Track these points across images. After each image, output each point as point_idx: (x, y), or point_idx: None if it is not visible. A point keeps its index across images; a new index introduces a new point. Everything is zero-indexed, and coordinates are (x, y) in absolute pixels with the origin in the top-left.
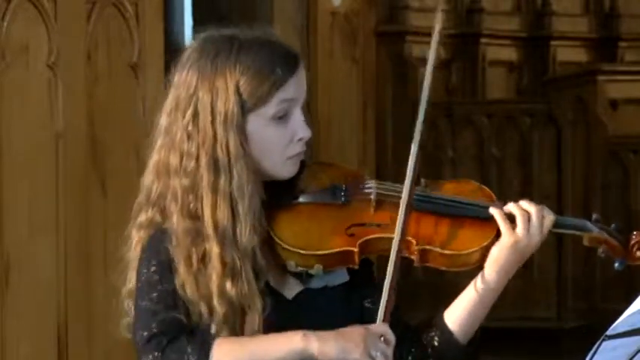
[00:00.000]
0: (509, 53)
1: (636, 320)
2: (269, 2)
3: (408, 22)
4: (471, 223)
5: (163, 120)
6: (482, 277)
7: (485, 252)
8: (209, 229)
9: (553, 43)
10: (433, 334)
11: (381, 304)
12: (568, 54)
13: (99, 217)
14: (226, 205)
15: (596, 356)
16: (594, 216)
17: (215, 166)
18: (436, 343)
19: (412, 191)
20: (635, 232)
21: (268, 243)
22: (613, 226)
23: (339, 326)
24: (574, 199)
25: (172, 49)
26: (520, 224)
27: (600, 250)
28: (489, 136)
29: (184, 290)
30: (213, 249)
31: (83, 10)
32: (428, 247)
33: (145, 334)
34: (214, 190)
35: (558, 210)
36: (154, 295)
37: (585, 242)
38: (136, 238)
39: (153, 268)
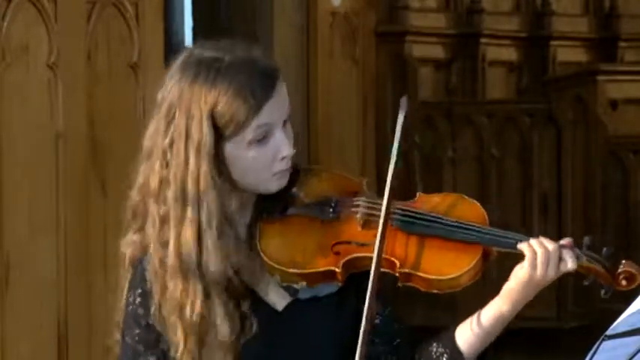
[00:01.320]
0: (509, 53)
1: (636, 320)
2: (269, 2)
3: (408, 22)
4: (456, 246)
5: (146, 142)
6: (495, 306)
7: (470, 275)
8: (172, 259)
9: (553, 43)
10: (442, 350)
11: (364, 313)
12: (568, 54)
13: (99, 217)
14: (192, 235)
15: (595, 356)
16: (586, 239)
17: (183, 197)
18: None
19: (389, 212)
20: (623, 262)
21: (257, 255)
22: (604, 250)
23: (330, 336)
24: (574, 199)
25: (172, 49)
26: (540, 263)
27: (586, 280)
28: (489, 136)
29: (160, 319)
30: (176, 279)
31: (83, 10)
32: (411, 271)
33: None
34: (181, 220)
35: (558, 210)
36: (137, 331)
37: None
38: (127, 256)
39: (138, 300)
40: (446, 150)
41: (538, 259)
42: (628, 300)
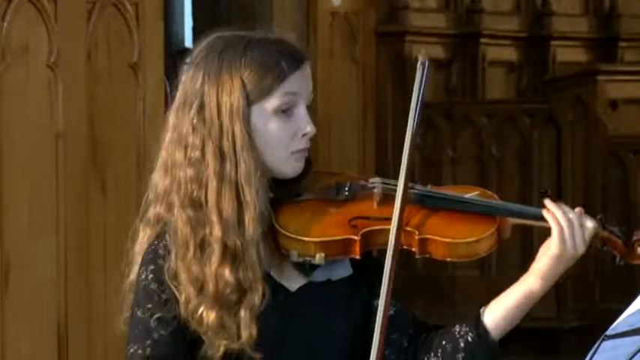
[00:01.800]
0: (509, 53)
1: (636, 320)
2: (269, 2)
3: (408, 22)
4: (473, 216)
5: (172, 117)
6: (526, 283)
7: (486, 244)
8: (213, 215)
9: (553, 43)
10: (467, 329)
11: (381, 299)
12: (568, 54)
13: (99, 217)
14: (232, 192)
15: (595, 356)
16: (598, 216)
17: (221, 154)
18: (470, 338)
19: (407, 182)
20: (637, 231)
21: (272, 234)
22: (618, 228)
23: (340, 321)
24: (574, 199)
25: (172, 49)
26: (568, 237)
27: (604, 247)
28: (489, 136)
29: (176, 277)
30: (215, 234)
31: (83, 10)
32: (428, 235)
33: (140, 352)
34: (220, 177)
35: None
36: (149, 306)
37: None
38: (143, 234)
39: (151, 276)
40: (446, 150)
41: (566, 232)
42: (628, 300)
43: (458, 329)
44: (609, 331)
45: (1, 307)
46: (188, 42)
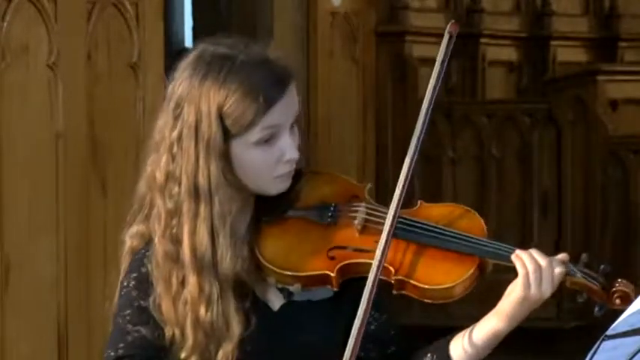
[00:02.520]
0: (509, 53)
1: (636, 320)
2: (269, 2)
3: (408, 22)
4: (452, 256)
5: (156, 134)
6: (490, 323)
7: (464, 286)
8: (187, 255)
9: (553, 43)
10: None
11: (354, 327)
12: (568, 54)
13: (99, 217)
14: (206, 232)
15: (596, 356)
16: (583, 256)
17: (196, 192)
18: None
19: (394, 221)
20: (619, 280)
21: (254, 256)
22: (601, 267)
23: (322, 341)
24: (574, 199)
25: (172, 49)
26: (533, 282)
27: (580, 297)
28: (489, 136)
29: (160, 310)
30: (190, 276)
31: (83, 10)
32: (405, 278)
33: (112, 354)
34: (195, 216)
35: (558, 210)
36: (128, 312)
37: (567, 284)
38: (128, 245)
39: (132, 283)
40: (446, 150)
41: (531, 277)
42: None
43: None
44: (609, 331)
45: (1, 307)
46: (188, 42)
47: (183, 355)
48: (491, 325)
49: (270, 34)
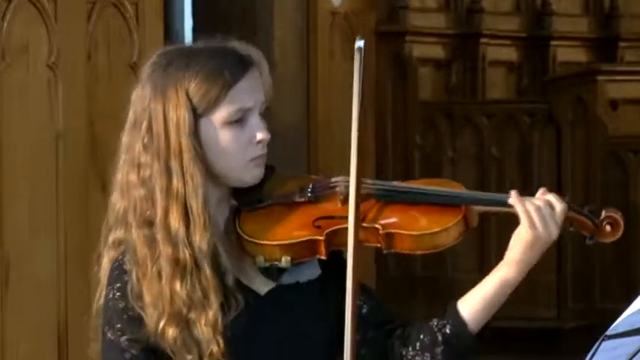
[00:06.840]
0: (509, 53)
1: (636, 320)
2: (269, 2)
3: (408, 22)
4: (438, 208)
5: (124, 138)
6: (501, 273)
7: (453, 234)
8: (160, 232)
9: (553, 43)
10: (445, 322)
11: (347, 304)
12: (568, 54)
13: (99, 217)
14: (179, 208)
15: (596, 356)
16: (566, 198)
17: (168, 170)
18: (448, 331)
19: (360, 177)
20: (606, 208)
21: (238, 241)
22: (587, 208)
23: (311, 323)
24: (574, 200)
25: None
26: (537, 221)
27: (571, 227)
28: (489, 136)
29: (140, 297)
30: (164, 251)
31: (83, 10)
32: (392, 230)
33: None
34: (167, 194)
35: None
36: (119, 325)
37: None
38: (107, 259)
39: (118, 293)
40: (446, 150)
41: (534, 216)
42: (628, 300)
43: (435, 322)
44: (609, 331)
45: (1, 307)
46: (188, 42)
47: (161, 324)
48: (500, 274)
49: (270, 34)
